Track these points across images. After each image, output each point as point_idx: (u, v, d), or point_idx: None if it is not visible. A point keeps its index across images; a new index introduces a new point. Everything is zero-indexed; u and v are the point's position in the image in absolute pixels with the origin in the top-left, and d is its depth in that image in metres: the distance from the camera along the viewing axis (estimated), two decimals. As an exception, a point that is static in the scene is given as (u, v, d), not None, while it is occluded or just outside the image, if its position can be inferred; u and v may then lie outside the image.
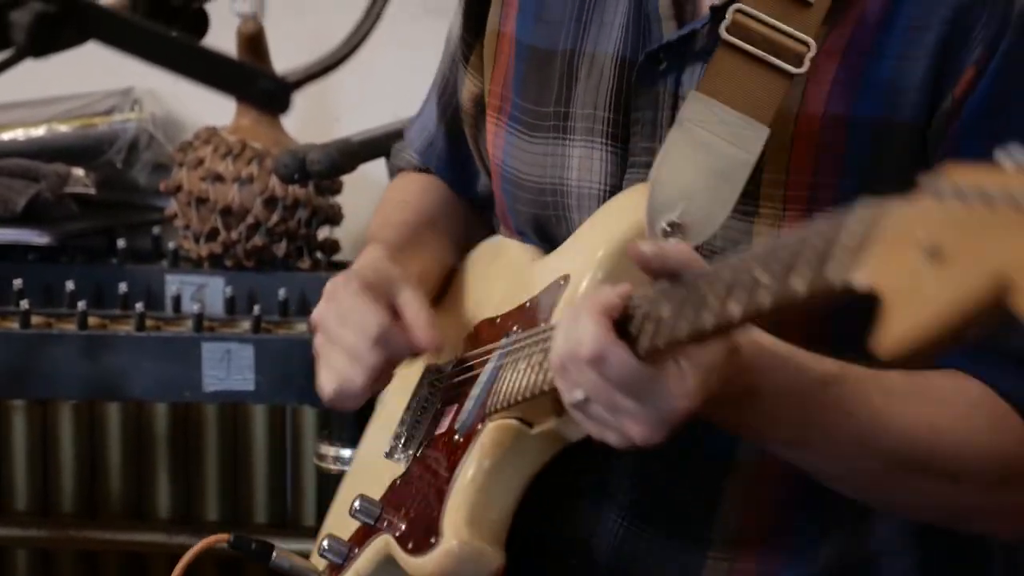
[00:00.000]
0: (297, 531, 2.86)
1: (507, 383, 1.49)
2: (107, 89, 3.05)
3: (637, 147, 1.53)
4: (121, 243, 2.93)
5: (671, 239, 1.42)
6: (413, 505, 1.56)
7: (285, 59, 2.78)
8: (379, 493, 1.64)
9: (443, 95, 1.79)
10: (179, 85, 1.13)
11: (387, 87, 3.00)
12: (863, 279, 1.02)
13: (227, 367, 2.61)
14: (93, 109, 3.05)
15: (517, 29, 1.64)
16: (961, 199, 0.94)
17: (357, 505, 1.61)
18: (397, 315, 1.58)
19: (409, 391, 1.70)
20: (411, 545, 1.53)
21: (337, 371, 1.56)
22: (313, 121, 3.04)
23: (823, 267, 1.07)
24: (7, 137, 3.03)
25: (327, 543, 1.64)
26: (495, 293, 1.65)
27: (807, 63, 1.43)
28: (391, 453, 1.66)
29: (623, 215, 1.48)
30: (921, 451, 1.40)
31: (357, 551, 1.62)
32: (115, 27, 1.08)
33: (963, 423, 1.41)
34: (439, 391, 1.65)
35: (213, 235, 2.85)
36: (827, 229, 1.09)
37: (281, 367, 2.60)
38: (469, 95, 1.72)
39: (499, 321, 1.60)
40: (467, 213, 1.81)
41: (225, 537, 1.65)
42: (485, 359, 1.57)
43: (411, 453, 1.63)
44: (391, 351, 1.56)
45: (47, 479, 2.90)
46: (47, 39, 1.05)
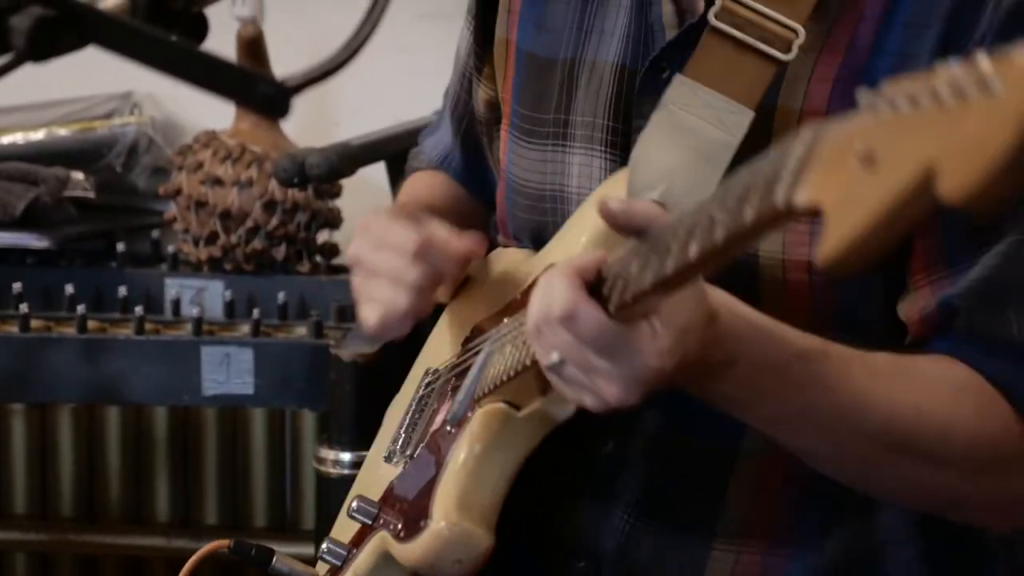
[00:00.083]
0: (296, 535, 2.86)
1: (494, 368, 1.49)
2: (106, 93, 3.05)
3: None
4: (120, 247, 2.93)
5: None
6: (408, 500, 1.57)
7: (284, 63, 2.78)
8: (378, 495, 1.64)
9: (455, 111, 1.80)
10: (178, 89, 1.13)
11: (386, 91, 3.00)
12: (804, 197, 1.02)
13: (226, 371, 2.61)
14: (92, 113, 3.05)
15: (519, 36, 1.64)
16: (892, 107, 0.95)
17: (354, 506, 1.62)
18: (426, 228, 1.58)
19: (408, 395, 1.71)
20: (402, 533, 1.53)
21: (379, 299, 1.56)
22: (312, 125, 3.04)
23: (770, 194, 1.07)
24: (6, 141, 3.03)
25: (327, 546, 1.65)
26: (491, 296, 1.65)
27: (795, 49, 1.44)
28: (390, 457, 1.66)
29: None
30: (906, 432, 1.39)
31: (355, 551, 1.62)
32: (115, 31, 1.08)
33: (949, 406, 1.40)
34: (435, 392, 1.65)
35: (212, 239, 2.85)
36: (774, 157, 1.08)
37: (280, 371, 2.60)
38: (484, 101, 1.73)
39: (492, 318, 1.60)
40: (484, 215, 1.82)
41: (225, 543, 1.65)
42: (477, 352, 1.57)
43: (408, 454, 1.63)
44: (432, 263, 1.56)
45: (46, 483, 2.90)
46: (47, 44, 1.05)
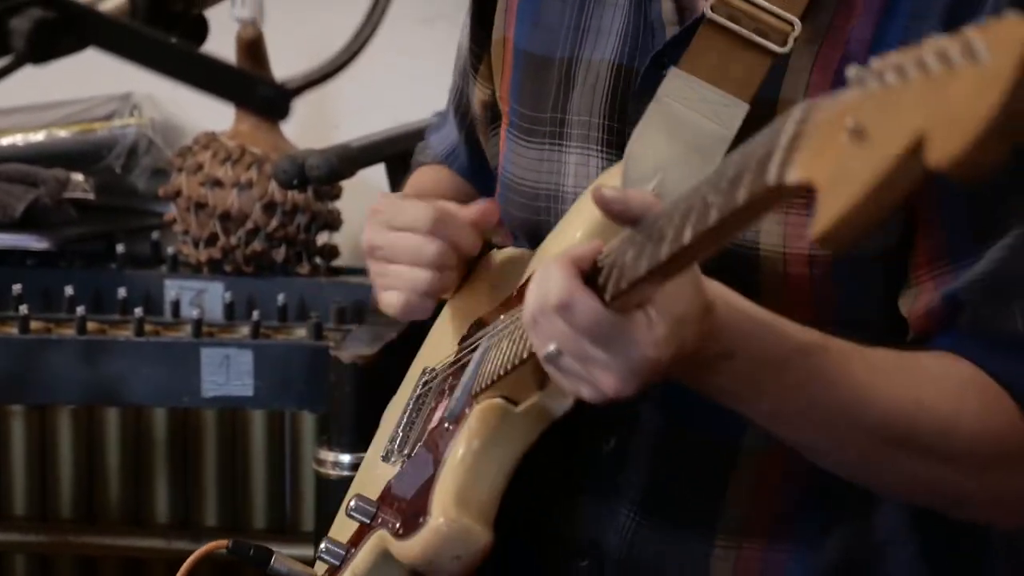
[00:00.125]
0: (296, 536, 2.86)
1: (491, 363, 1.49)
2: (106, 94, 3.05)
3: None
4: (120, 248, 2.93)
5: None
6: (406, 497, 1.56)
7: (284, 64, 2.78)
8: (375, 495, 1.65)
9: (459, 107, 1.81)
10: (178, 90, 1.13)
11: (386, 93, 3.00)
12: (795, 175, 1.02)
13: (226, 372, 2.61)
14: (92, 114, 3.05)
15: (516, 35, 1.64)
16: (881, 81, 0.95)
17: (352, 504, 1.62)
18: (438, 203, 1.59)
19: (405, 394, 1.71)
20: (401, 531, 1.53)
21: (400, 282, 1.56)
22: (312, 126, 3.04)
23: (763, 173, 1.06)
24: (6, 142, 3.03)
25: (326, 546, 1.65)
26: (488, 294, 1.65)
27: (791, 42, 1.44)
28: (387, 456, 1.66)
29: None
30: (907, 427, 1.39)
31: (354, 551, 1.62)
32: (115, 34, 1.08)
33: (951, 402, 1.40)
34: (432, 390, 1.65)
35: (212, 240, 2.85)
36: (766, 137, 1.08)
37: (280, 372, 2.60)
38: (480, 101, 1.73)
39: (489, 315, 1.60)
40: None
41: (224, 543, 1.65)
42: (473, 349, 1.57)
43: (405, 453, 1.63)
44: (448, 236, 1.56)
45: (46, 484, 2.90)
46: (47, 46, 1.05)
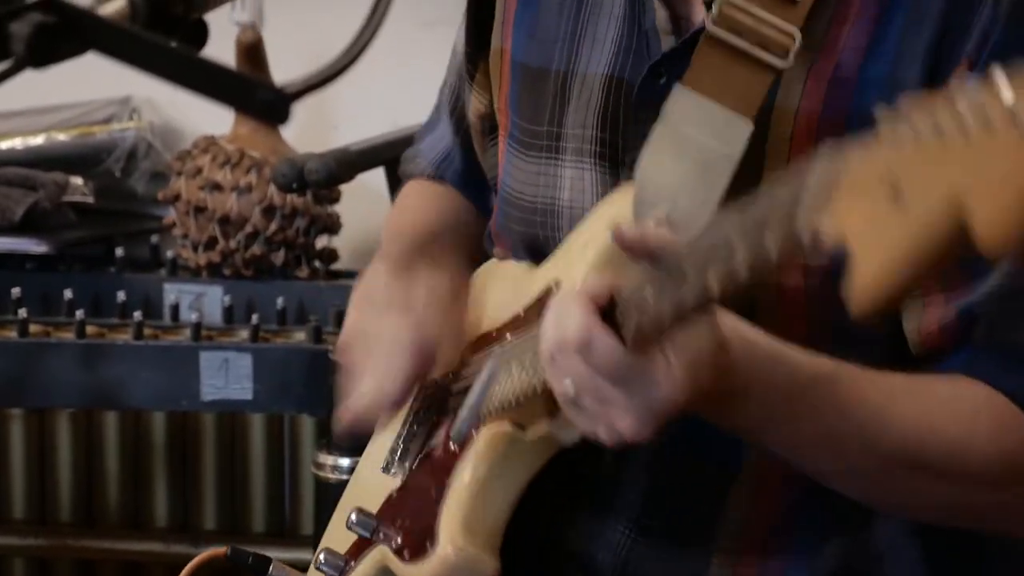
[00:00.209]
0: (295, 540, 2.86)
1: (500, 388, 1.48)
2: (105, 98, 3.05)
3: (633, 164, 1.51)
4: (119, 252, 2.93)
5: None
6: (410, 516, 1.56)
7: (284, 68, 2.78)
8: (376, 507, 1.64)
9: (455, 109, 1.78)
10: (177, 94, 1.13)
11: (385, 97, 3.00)
12: (828, 231, 0.99)
13: (225, 376, 2.61)
14: (91, 118, 3.05)
15: (513, 47, 1.63)
16: (915, 135, 0.92)
17: (353, 518, 1.61)
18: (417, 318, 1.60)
19: (406, 406, 1.70)
20: (407, 554, 1.52)
21: (371, 380, 1.58)
22: (311, 130, 3.04)
23: (792, 223, 1.04)
24: (5, 146, 3.03)
25: (323, 556, 1.64)
26: (491, 309, 1.64)
27: (792, 57, 1.43)
28: (387, 467, 1.66)
29: (610, 217, 1.46)
30: (920, 452, 1.39)
31: (353, 564, 1.62)
32: (114, 38, 1.08)
33: (964, 425, 1.40)
34: (434, 404, 1.65)
35: (211, 244, 2.85)
36: (792, 183, 1.06)
37: (279, 376, 2.60)
38: (476, 113, 1.72)
39: (494, 334, 1.60)
40: (480, 221, 1.80)
41: (222, 551, 1.65)
42: (479, 369, 1.57)
43: (406, 466, 1.63)
44: (424, 359, 1.58)
45: (45, 488, 2.90)
46: (47, 50, 1.05)
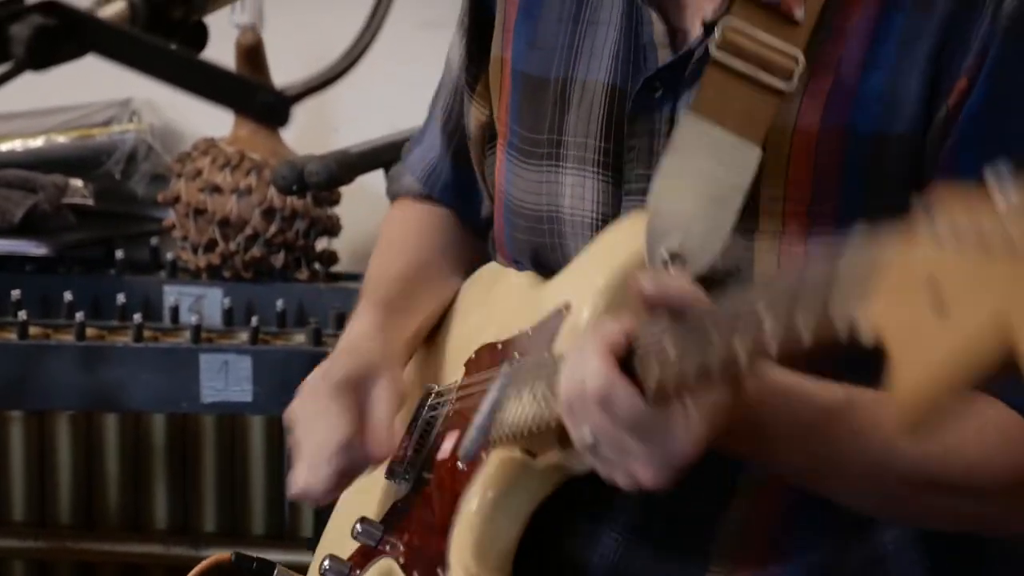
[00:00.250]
0: (295, 543, 2.85)
1: (511, 413, 1.49)
2: (105, 100, 3.05)
3: (632, 174, 1.52)
4: (119, 254, 2.93)
5: (671, 270, 1.41)
6: (417, 532, 1.57)
7: (284, 70, 2.78)
8: (379, 514, 1.64)
9: (447, 124, 1.77)
10: (177, 96, 1.13)
11: (385, 99, 3.00)
12: (867, 326, 1.01)
13: (225, 378, 2.61)
14: (91, 120, 3.05)
15: (513, 56, 1.63)
16: (958, 240, 0.92)
17: (359, 528, 1.61)
18: (364, 415, 1.59)
19: (409, 411, 1.70)
20: (416, 575, 1.53)
21: (300, 476, 1.58)
22: (311, 132, 3.04)
23: (826, 309, 1.07)
24: (5, 148, 3.03)
25: (328, 563, 1.64)
26: (495, 318, 1.64)
27: (796, 79, 1.43)
28: (392, 474, 1.65)
29: (622, 244, 1.47)
30: (935, 472, 1.39)
31: (359, 572, 1.62)
32: (115, 40, 1.08)
33: (974, 439, 1.40)
34: (441, 415, 1.64)
35: (211, 246, 2.85)
36: (826, 267, 1.08)
37: (279, 378, 2.59)
38: (477, 123, 1.71)
39: (500, 348, 1.59)
40: (472, 242, 1.79)
41: (227, 556, 1.65)
42: (487, 386, 1.56)
43: (412, 476, 1.63)
44: (348, 463, 1.57)
45: (44, 490, 2.90)
46: (47, 52, 1.05)
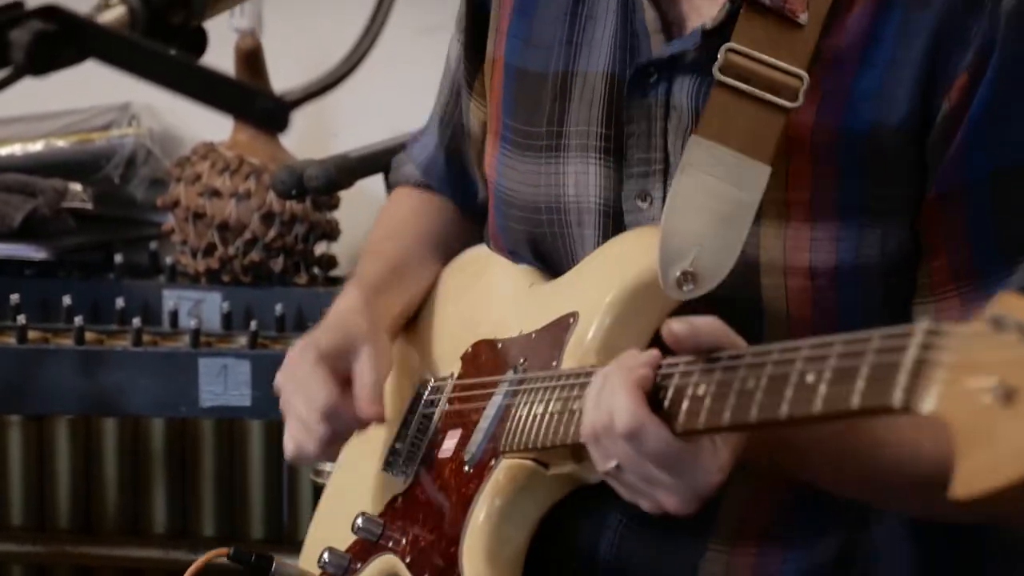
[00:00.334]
0: (293, 546, 2.83)
1: (522, 424, 1.49)
2: (104, 104, 3.05)
3: (633, 159, 1.54)
4: (118, 258, 2.93)
5: (684, 289, 1.44)
6: (423, 532, 1.57)
7: (283, 74, 2.78)
8: (377, 507, 1.65)
9: (444, 120, 1.80)
10: (177, 100, 1.13)
11: (384, 104, 3.00)
12: (928, 407, 1.04)
13: (224, 382, 2.61)
14: (91, 124, 3.05)
15: (506, 53, 1.65)
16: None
17: (360, 523, 1.62)
18: (350, 383, 1.62)
19: (404, 401, 1.70)
20: None
21: (293, 437, 1.62)
22: (311, 137, 3.04)
23: (882, 385, 1.10)
24: (4, 152, 3.02)
25: (328, 556, 1.65)
26: (492, 312, 1.64)
27: (802, 97, 1.44)
28: (389, 466, 1.66)
29: (633, 258, 1.49)
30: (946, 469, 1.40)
31: (359, 566, 1.62)
32: (114, 46, 1.08)
33: None
34: (439, 410, 1.64)
35: (210, 250, 2.85)
36: (883, 343, 1.11)
37: (278, 382, 2.59)
38: (479, 123, 1.73)
39: (501, 347, 1.60)
40: (471, 229, 1.81)
41: (224, 551, 1.66)
42: (490, 390, 1.57)
43: (412, 471, 1.63)
44: (338, 425, 1.60)
45: (43, 494, 2.89)
46: (47, 58, 1.05)
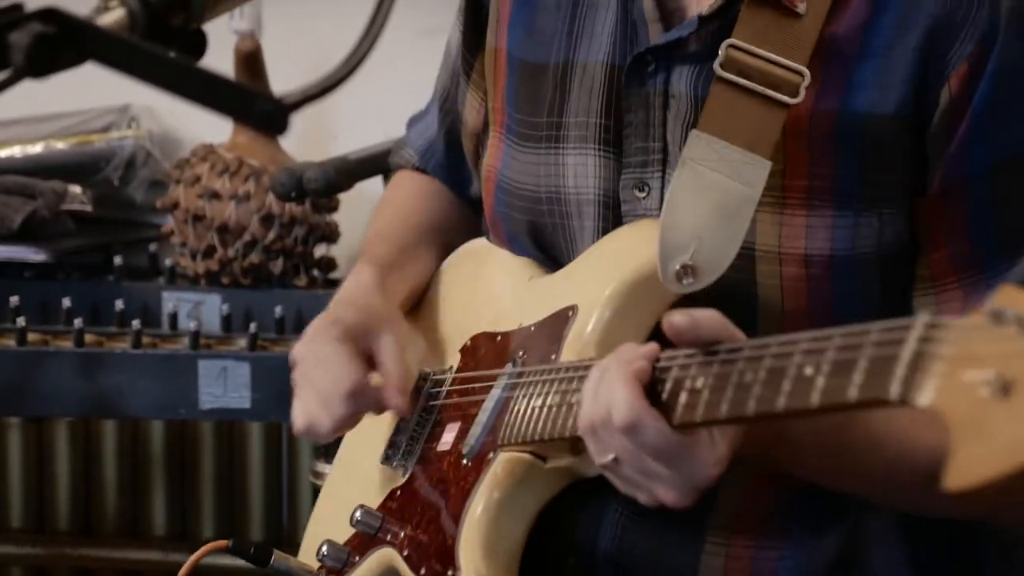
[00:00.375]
0: (293, 549, 2.83)
1: (520, 418, 1.50)
2: (104, 106, 3.05)
3: (631, 148, 1.55)
4: (118, 260, 2.93)
5: (684, 282, 1.44)
6: (421, 525, 1.57)
7: (282, 76, 2.78)
8: (375, 500, 1.65)
9: (443, 104, 1.81)
10: (176, 103, 1.13)
11: (384, 107, 2.99)
12: (925, 400, 1.04)
13: (223, 384, 2.61)
14: (90, 126, 3.04)
15: (508, 43, 1.65)
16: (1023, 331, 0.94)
17: (359, 516, 1.62)
18: (372, 363, 1.61)
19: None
20: (424, 572, 1.54)
21: (308, 412, 1.61)
22: (310, 139, 3.04)
23: (880, 378, 1.10)
24: (4, 154, 3.02)
25: (326, 549, 1.65)
26: (490, 306, 1.65)
27: (802, 92, 1.45)
28: (388, 459, 1.66)
29: (633, 252, 1.50)
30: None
31: (358, 559, 1.63)
32: (114, 48, 1.08)
33: None
34: (438, 403, 1.65)
35: (210, 252, 2.85)
36: (882, 336, 1.11)
37: (277, 384, 2.59)
38: (474, 113, 1.73)
39: (500, 340, 1.60)
40: (468, 216, 1.82)
41: (223, 543, 1.66)
42: (489, 383, 1.57)
43: (410, 464, 1.63)
44: (360, 406, 1.60)
45: (43, 496, 2.89)
46: (46, 60, 1.05)
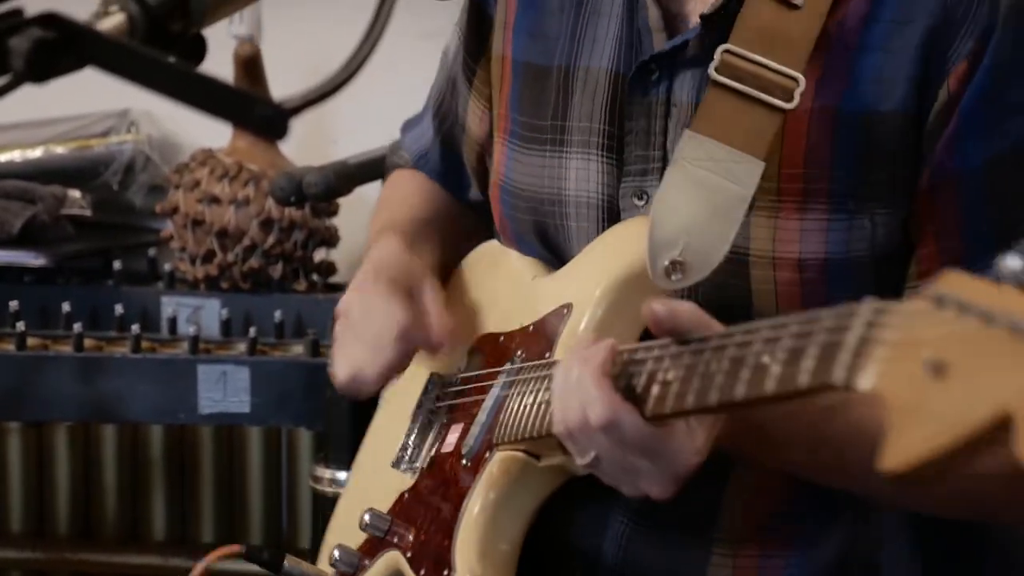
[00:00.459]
0: (293, 553, 2.84)
1: (513, 416, 1.51)
2: (104, 110, 3.05)
3: (632, 156, 1.56)
4: (117, 265, 2.93)
5: (673, 278, 1.45)
6: (423, 526, 1.58)
7: (282, 81, 2.78)
8: (386, 504, 1.66)
9: (439, 110, 1.82)
10: (176, 107, 1.13)
11: (383, 111, 2.98)
12: (866, 384, 1.05)
13: (223, 389, 2.61)
14: (90, 131, 3.04)
15: (513, 48, 1.66)
16: (963, 313, 0.95)
17: (367, 519, 1.64)
18: (417, 308, 1.63)
19: (414, 398, 1.71)
20: (423, 573, 1.54)
21: (355, 359, 1.61)
22: (310, 143, 3.04)
23: (827, 363, 1.11)
24: (3, 159, 3.02)
25: (339, 554, 1.66)
26: (497, 306, 1.66)
27: (797, 98, 1.45)
28: (398, 463, 1.67)
29: (623, 250, 1.51)
30: None
31: (368, 562, 1.64)
32: (113, 53, 1.08)
33: None
34: (445, 405, 1.66)
35: (209, 257, 2.85)
36: (832, 323, 1.12)
37: (277, 389, 2.60)
38: (478, 121, 1.74)
39: (503, 340, 1.62)
40: (464, 210, 1.84)
41: (237, 548, 1.67)
42: (489, 382, 1.58)
43: (418, 467, 1.64)
44: (409, 346, 1.61)
45: (42, 501, 2.89)
46: (46, 65, 1.05)
